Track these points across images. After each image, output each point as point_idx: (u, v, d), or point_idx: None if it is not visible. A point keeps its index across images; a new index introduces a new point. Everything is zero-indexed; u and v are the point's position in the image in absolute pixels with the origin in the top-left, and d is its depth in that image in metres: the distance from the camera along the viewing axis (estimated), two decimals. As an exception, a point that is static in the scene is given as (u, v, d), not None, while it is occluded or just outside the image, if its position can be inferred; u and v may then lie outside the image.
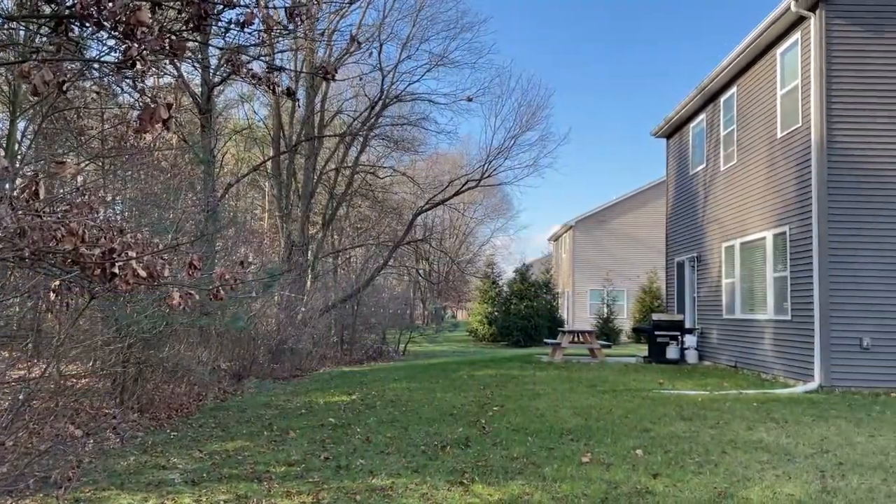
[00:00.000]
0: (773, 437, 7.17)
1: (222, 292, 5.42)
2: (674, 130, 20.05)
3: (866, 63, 11.54)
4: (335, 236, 28.64)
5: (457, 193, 25.54)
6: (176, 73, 14.34)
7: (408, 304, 28.65)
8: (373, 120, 22.07)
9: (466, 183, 24.91)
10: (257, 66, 14.08)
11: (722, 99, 16.25)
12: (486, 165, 24.06)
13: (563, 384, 11.71)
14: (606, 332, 29.00)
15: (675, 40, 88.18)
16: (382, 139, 24.54)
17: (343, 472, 6.04)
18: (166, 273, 5.17)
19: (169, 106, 4.31)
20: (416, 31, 21.77)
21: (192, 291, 5.23)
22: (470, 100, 21.28)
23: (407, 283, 36.47)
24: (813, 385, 11.09)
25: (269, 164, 22.51)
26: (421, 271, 36.64)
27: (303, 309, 16.80)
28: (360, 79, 20.40)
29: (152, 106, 4.25)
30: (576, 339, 17.80)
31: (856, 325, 11.17)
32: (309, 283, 20.39)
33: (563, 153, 79.15)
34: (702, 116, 17.68)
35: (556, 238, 44.16)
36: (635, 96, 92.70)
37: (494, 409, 9.17)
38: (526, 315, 27.82)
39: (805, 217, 11.91)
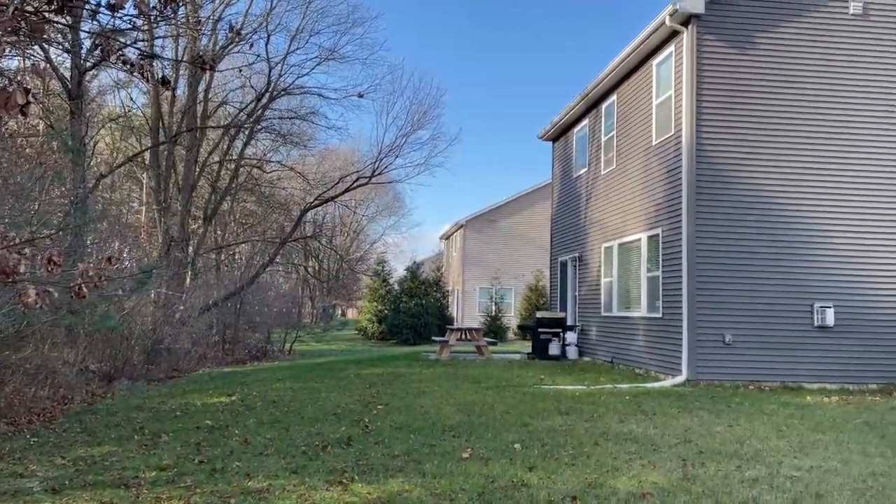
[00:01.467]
0: (642, 429, 7.55)
1: (85, 290, 5.10)
2: (559, 134, 20.73)
3: (733, 76, 12.36)
4: (218, 232, 27.67)
5: (347, 190, 25.31)
6: (42, 56, 13.38)
7: (295, 302, 28.07)
8: (259, 112, 21.48)
9: (357, 180, 24.73)
10: (134, 53, 13.35)
11: (603, 106, 16.95)
12: (377, 163, 24.00)
13: (448, 381, 11.83)
14: (494, 329, 29.61)
15: (565, 45, 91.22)
16: (269, 132, 23.94)
17: (218, 476, 5.83)
18: (22, 269, 4.80)
19: (27, 91, 4.00)
20: (306, 24, 21.41)
21: (51, 289, 4.89)
22: (361, 96, 21.21)
23: (295, 281, 35.77)
24: (681, 379, 11.77)
25: (146, 154, 21.43)
26: (310, 269, 36.01)
27: (181, 307, 16.10)
28: (241, 71, 19.75)
29: (8, 90, 3.95)
30: (463, 336, 18.05)
31: (719, 323, 11.95)
32: (189, 280, 19.58)
33: (455, 153, 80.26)
34: (585, 122, 18.36)
35: (447, 237, 44.63)
36: (527, 99, 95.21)
37: (379, 407, 9.14)
38: (416, 313, 27.95)
39: (675, 220, 12.62)
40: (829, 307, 11.93)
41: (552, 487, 5.32)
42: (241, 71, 19.71)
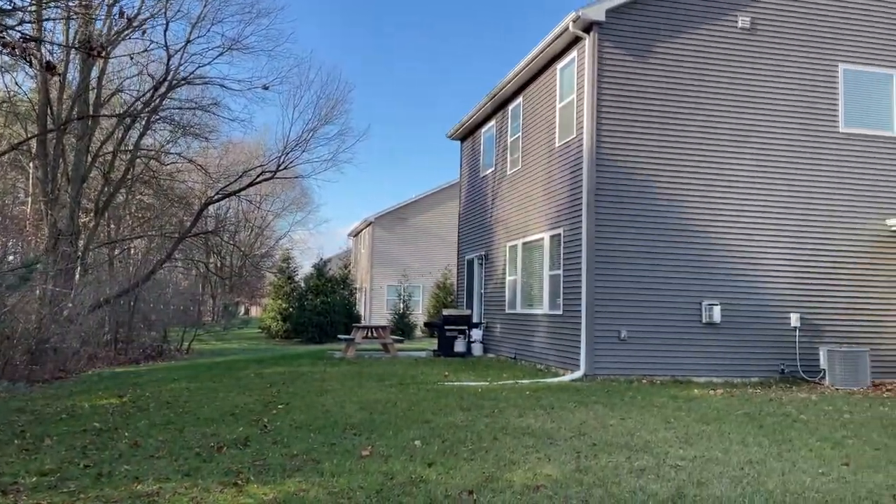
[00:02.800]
0: (540, 423, 7.74)
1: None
2: (467, 134, 20.96)
3: (632, 83, 12.85)
4: (112, 226, 26.36)
5: (251, 184, 24.68)
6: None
7: (195, 300, 27.11)
8: (157, 101, 20.58)
9: (262, 174, 24.14)
10: (18, 35, 12.50)
11: (510, 107, 17.26)
12: (282, 157, 23.52)
13: (352, 380, 11.75)
14: (402, 327, 29.58)
15: (476, 45, 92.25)
16: (168, 123, 23.00)
17: (104, 480, 5.56)
18: None
19: None
20: (208, 12, 20.70)
21: None
22: (266, 88, 20.72)
23: (195, 278, 34.54)
24: (579, 374, 12.15)
25: (33, 142, 20.13)
26: (211, 265, 34.86)
27: (70, 304, 15.24)
28: (132, 58, 18.82)
29: None
30: (369, 334, 17.96)
31: (616, 320, 12.41)
32: (78, 276, 18.55)
33: (364, 149, 79.69)
34: (492, 122, 18.65)
35: (355, 234, 44.28)
36: (438, 97, 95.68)
37: (279, 407, 8.97)
38: (322, 311, 27.57)
39: (576, 221, 13.00)
40: (717, 305, 12.61)
41: (450, 482, 5.37)
42: (132, 58, 18.79)
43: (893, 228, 13.41)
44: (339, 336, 19.07)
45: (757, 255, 13.00)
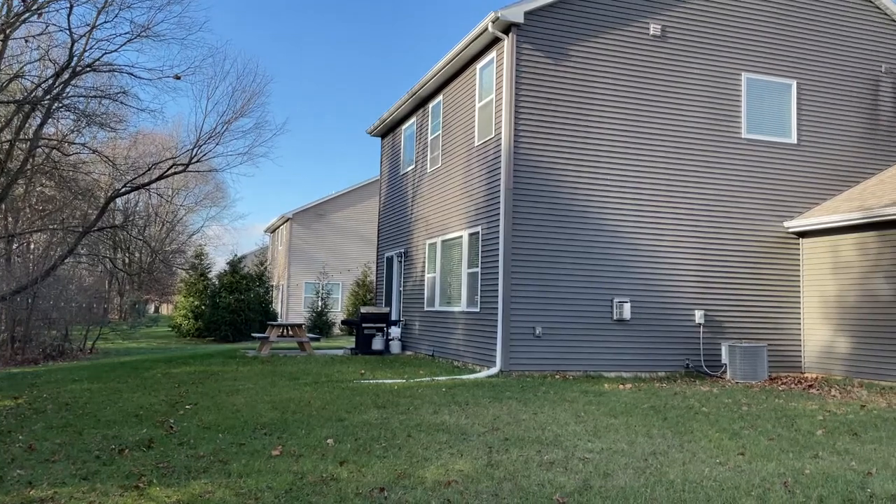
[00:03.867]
0: (455, 419, 7.78)
1: None
2: (388, 130, 20.86)
3: (549, 85, 13.09)
4: (9, 219, 24.85)
5: (161, 177, 23.75)
6: None
7: (101, 297, 25.90)
8: (60, 88, 19.52)
9: (172, 167, 23.27)
10: None
11: (431, 105, 17.29)
12: (195, 149, 22.75)
13: (265, 378, 11.50)
14: (320, 325, 29.21)
15: (398, 43, 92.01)
16: (72, 111, 21.84)
17: (-8, 487, 5.22)
18: None
19: None
20: (117, -4, 19.71)
21: None
22: (178, 78, 19.93)
23: (101, 274, 33.00)
24: (495, 370, 12.30)
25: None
26: (118, 261, 33.39)
27: (-40, 301, 14.26)
28: (27, 42, 17.76)
29: None
30: (285, 332, 17.63)
31: (531, 316, 12.63)
32: (-29, 271, 17.40)
33: (282, 144, 78.06)
34: (413, 120, 18.63)
35: (273, 230, 43.38)
36: (358, 93, 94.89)
37: (187, 407, 8.67)
38: (236, 309, 26.87)
39: (494, 219, 13.15)
40: (627, 302, 13.02)
41: (361, 480, 5.33)
42: (27, 42, 17.71)
43: (790, 230, 14.19)
44: (254, 334, 18.63)
45: (665, 255, 13.49)
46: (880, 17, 15.21)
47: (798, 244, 14.28)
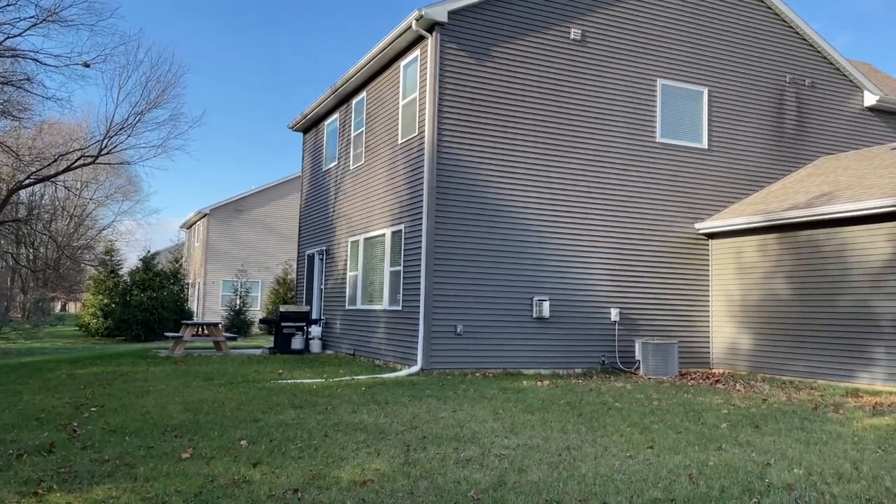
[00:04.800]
0: (373, 419, 7.73)
1: None
2: (310, 126, 20.55)
3: (473, 84, 13.18)
4: None
5: (68, 169, 22.68)
6: None
7: (2, 294, 24.46)
8: (-43, 73, 18.35)
9: (81, 158, 22.22)
10: None
11: (354, 101, 17.13)
12: (105, 141, 21.82)
13: (178, 379, 11.12)
14: (238, 324, 28.50)
15: (325, 34, 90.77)
16: (-30, 97, 20.55)
17: None
18: None
19: None
20: (22, -22, 18.71)
21: None
22: (87, 65, 19.04)
23: (3, 271, 31.14)
24: (416, 368, 12.29)
25: None
26: (22, 257, 31.59)
27: None
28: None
29: None
30: (200, 331, 17.12)
31: (453, 315, 12.69)
32: None
33: (200, 137, 75.62)
34: (336, 115, 18.41)
35: (189, 226, 42.06)
36: (280, 87, 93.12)
37: (93, 409, 8.29)
38: (148, 307, 25.87)
39: (417, 217, 13.15)
40: (546, 300, 13.25)
41: (275, 482, 5.22)
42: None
43: (700, 232, 14.78)
44: (167, 334, 17.98)
45: (583, 255, 13.81)
46: (786, 30, 16.04)
47: (708, 245, 14.90)
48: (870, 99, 16.72)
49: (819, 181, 14.15)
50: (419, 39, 13.49)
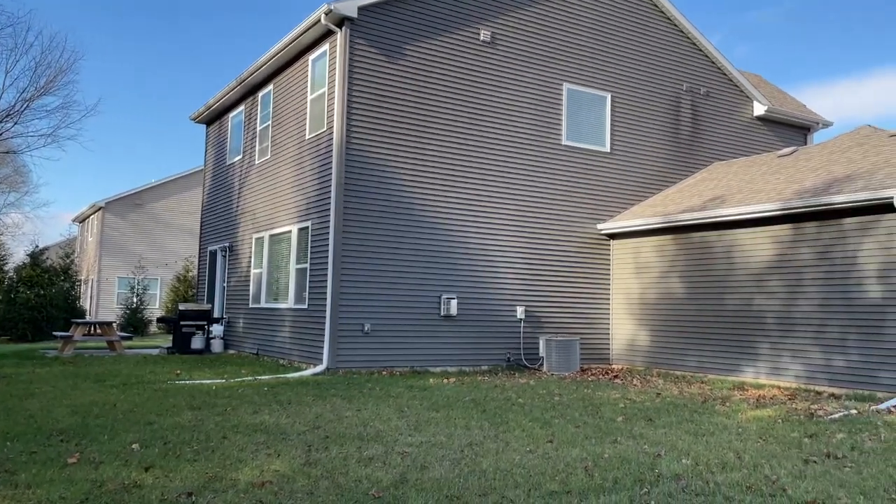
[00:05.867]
0: (275, 419, 7.57)
1: None
2: (214, 118, 19.91)
3: (383, 81, 13.11)
4: None
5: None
6: None
7: None
8: None
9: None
10: None
11: (260, 94, 16.71)
12: (-11, 128, 20.33)
13: (66, 381, 10.53)
14: (135, 323, 27.31)
15: (233, 23, 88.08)
16: None
17: None
18: None
19: None
20: None
21: None
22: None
23: None
24: (321, 368, 12.13)
25: None
26: None
27: None
28: None
29: None
30: (92, 331, 16.29)
31: (360, 313, 12.59)
32: None
33: (94, 126, 71.64)
34: (241, 108, 17.91)
35: (82, 219, 39.87)
36: (181, 77, 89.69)
37: (-32, 413, 7.73)
38: (36, 305, 24.36)
39: (324, 214, 12.97)
40: (454, 298, 13.36)
41: (168, 486, 5.02)
42: None
43: (602, 232, 15.28)
44: (56, 333, 16.99)
45: (491, 253, 14.00)
46: (685, 41, 16.80)
47: (609, 245, 15.42)
48: (759, 109, 17.77)
49: (712, 185, 14.91)
50: (328, 34, 13.31)
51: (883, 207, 10.51)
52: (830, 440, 6.92)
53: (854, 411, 8.83)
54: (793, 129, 18.74)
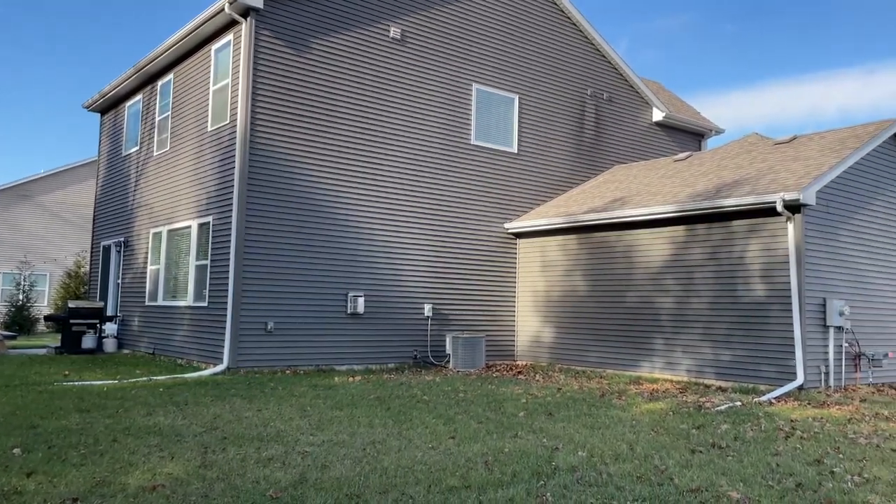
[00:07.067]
0: (170, 421, 7.29)
1: None
2: (109, 106, 18.97)
3: (289, 74, 12.85)
4: None
5: None
6: None
7: None
8: None
9: None
10: None
11: (160, 83, 16.04)
12: None
13: (-61, 383, 9.77)
14: (20, 321, 25.65)
15: (133, 7, 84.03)
16: None
17: None
18: None
19: None
20: None
21: None
22: None
23: None
24: (221, 367, 11.78)
25: None
26: None
27: None
28: None
29: None
30: (-29, 329, 15.16)
31: (263, 311, 12.31)
32: None
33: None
34: (139, 97, 17.15)
35: (-38, 211, 37.09)
36: (75, 64, 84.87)
37: None
38: None
39: (226, 209, 12.59)
40: (361, 296, 13.26)
41: (52, 492, 4.74)
42: None
43: (509, 231, 15.55)
44: (-70, 332, 15.77)
45: (399, 251, 13.99)
46: (590, 47, 17.32)
47: (516, 244, 15.71)
48: (658, 115, 18.55)
49: (613, 187, 15.45)
50: (233, 24, 12.93)
51: (767, 211, 11.19)
52: (716, 431, 7.31)
53: (739, 403, 9.37)
54: (688, 135, 19.68)
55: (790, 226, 10.93)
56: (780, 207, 10.76)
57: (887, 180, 12.73)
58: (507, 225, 15.48)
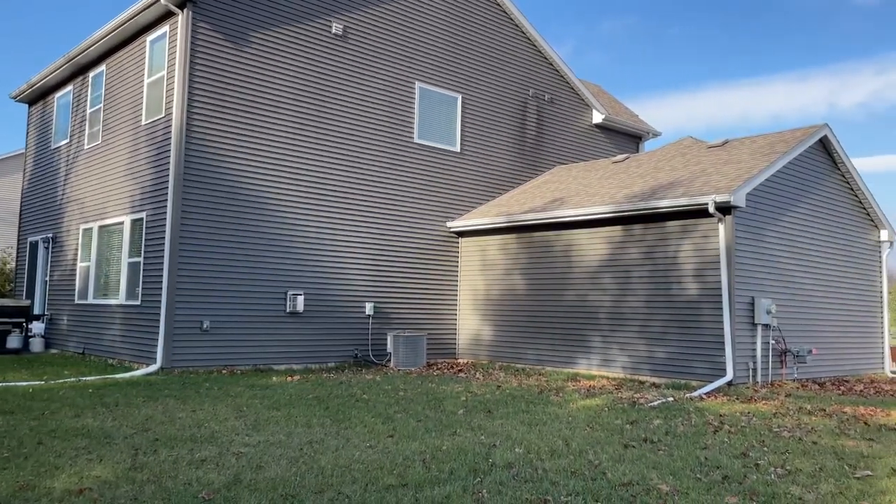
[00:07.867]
0: (99, 422, 7.06)
1: None
2: (38, 97, 18.24)
3: (227, 68, 12.59)
4: None
5: None
6: None
7: None
8: None
9: None
10: None
11: (92, 74, 15.51)
12: None
13: None
14: (-62, 320, 24.40)
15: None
16: None
17: None
18: None
19: None
20: None
21: None
22: None
23: None
24: (155, 367, 11.47)
25: None
26: None
27: None
28: None
29: None
30: None
31: (199, 309, 12.03)
32: None
33: None
34: (70, 88, 16.53)
35: None
36: (3, 52, 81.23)
37: None
38: None
39: (161, 205, 12.26)
40: (301, 295, 13.10)
41: (-33, 500, 4.54)
42: None
43: (452, 230, 15.61)
44: None
45: (340, 249, 13.87)
46: (531, 48, 17.52)
47: (458, 243, 15.78)
48: (597, 117, 18.90)
49: (553, 188, 15.68)
50: (169, 14, 12.59)
51: (700, 212, 11.54)
52: (648, 426, 7.51)
53: (671, 399, 9.64)
54: (627, 137, 20.12)
55: (721, 227, 11.30)
56: (711, 209, 11.11)
57: (812, 183, 13.30)
58: (449, 224, 15.54)
